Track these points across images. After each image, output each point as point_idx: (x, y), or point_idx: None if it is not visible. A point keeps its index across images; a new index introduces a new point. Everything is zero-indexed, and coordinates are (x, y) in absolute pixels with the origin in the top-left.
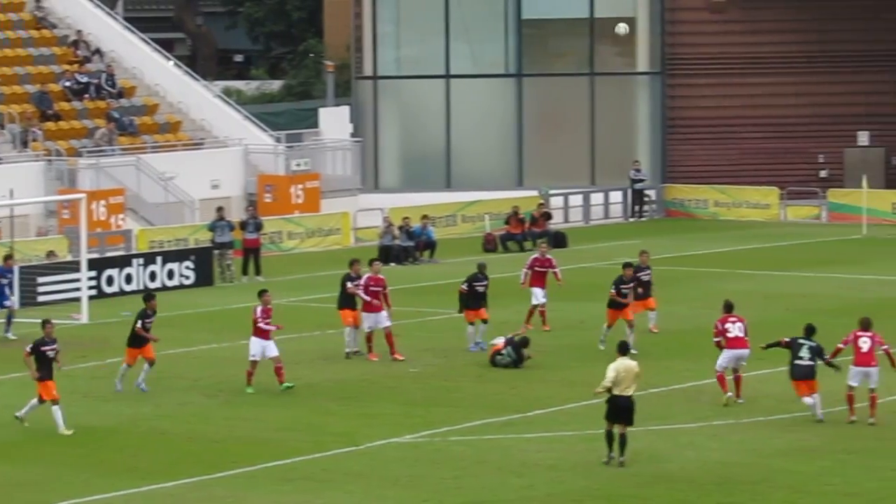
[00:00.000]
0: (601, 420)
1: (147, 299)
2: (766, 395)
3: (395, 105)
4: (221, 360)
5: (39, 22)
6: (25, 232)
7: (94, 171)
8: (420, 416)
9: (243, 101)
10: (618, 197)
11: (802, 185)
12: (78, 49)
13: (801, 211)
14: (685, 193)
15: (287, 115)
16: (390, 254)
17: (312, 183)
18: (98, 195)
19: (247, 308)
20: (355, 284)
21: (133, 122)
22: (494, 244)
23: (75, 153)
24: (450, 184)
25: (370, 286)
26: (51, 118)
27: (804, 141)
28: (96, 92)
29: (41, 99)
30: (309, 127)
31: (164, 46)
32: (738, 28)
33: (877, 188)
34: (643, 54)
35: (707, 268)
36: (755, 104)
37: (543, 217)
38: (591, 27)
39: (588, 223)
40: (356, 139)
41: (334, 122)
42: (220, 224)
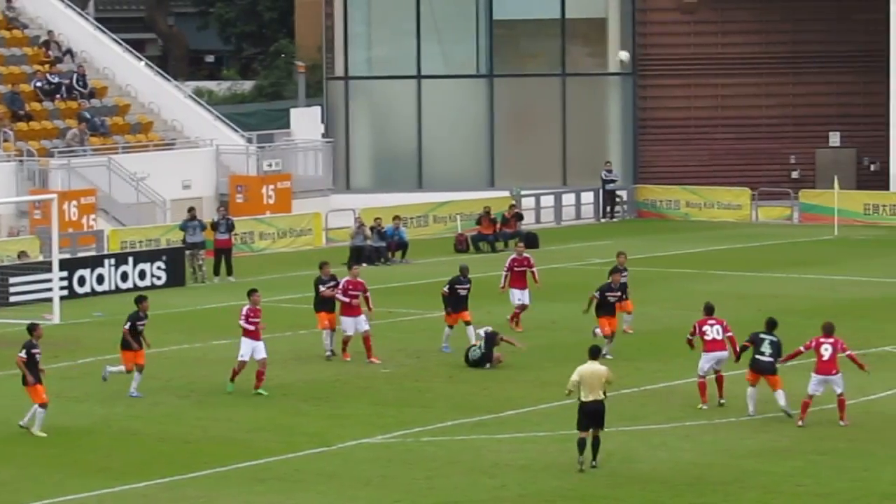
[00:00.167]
0: (574, 421)
1: (139, 301)
2: (738, 396)
3: (367, 105)
4: (193, 361)
5: (10, 22)
6: None
7: (66, 172)
8: (392, 417)
9: (215, 102)
10: (589, 198)
11: (774, 186)
12: (49, 49)
13: (773, 212)
14: (657, 194)
15: (258, 116)
16: (362, 254)
17: (284, 183)
18: (69, 195)
19: (218, 309)
20: (330, 287)
21: (104, 123)
22: (466, 245)
23: (47, 153)
24: (421, 184)
25: (349, 290)
26: (22, 118)
27: (776, 141)
28: (68, 92)
29: (12, 99)
30: (280, 127)
31: (136, 47)
32: (710, 29)
33: (848, 189)
34: (614, 55)
35: (679, 268)
36: (727, 105)
37: (515, 218)
38: (563, 28)
39: (559, 224)
40: (327, 140)
41: (306, 123)
42: (192, 224)
